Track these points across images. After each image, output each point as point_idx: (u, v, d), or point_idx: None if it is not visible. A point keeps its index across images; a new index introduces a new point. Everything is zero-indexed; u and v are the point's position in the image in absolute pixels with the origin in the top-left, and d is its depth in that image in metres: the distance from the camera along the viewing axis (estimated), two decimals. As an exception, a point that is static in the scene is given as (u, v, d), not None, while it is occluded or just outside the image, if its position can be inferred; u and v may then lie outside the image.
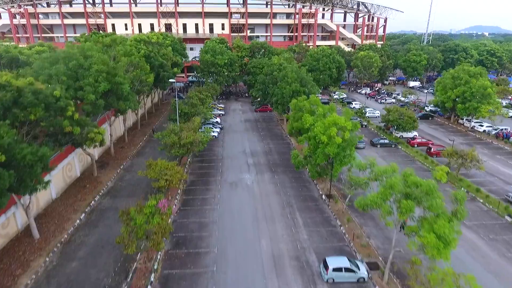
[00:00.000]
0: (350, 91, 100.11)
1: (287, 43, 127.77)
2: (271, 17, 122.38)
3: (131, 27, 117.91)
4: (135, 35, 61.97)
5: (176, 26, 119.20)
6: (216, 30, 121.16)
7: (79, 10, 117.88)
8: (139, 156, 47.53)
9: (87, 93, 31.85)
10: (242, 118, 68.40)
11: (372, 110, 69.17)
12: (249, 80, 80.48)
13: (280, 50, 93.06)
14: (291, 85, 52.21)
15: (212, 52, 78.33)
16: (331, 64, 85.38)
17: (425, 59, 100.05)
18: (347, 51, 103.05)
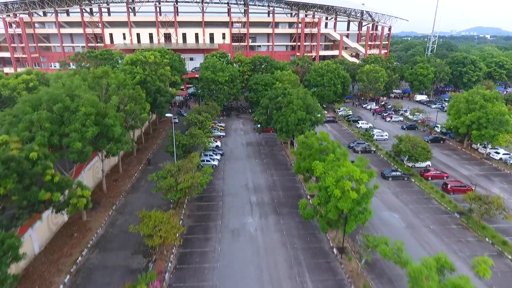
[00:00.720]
0: (355, 105, 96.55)
1: (289, 53, 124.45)
2: (273, 26, 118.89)
3: (130, 37, 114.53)
4: (132, 55, 58.53)
5: (175, 36, 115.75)
6: (217, 40, 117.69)
7: (77, 20, 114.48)
8: (134, 192, 44.08)
9: (74, 140, 28.41)
10: (244, 141, 64.90)
11: (380, 132, 65.61)
12: (251, 97, 77.00)
13: (283, 63, 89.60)
14: (297, 112, 48.71)
15: (213, 69, 74.86)
16: (336, 80, 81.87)
17: (432, 72, 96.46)
18: (352, 63, 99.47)
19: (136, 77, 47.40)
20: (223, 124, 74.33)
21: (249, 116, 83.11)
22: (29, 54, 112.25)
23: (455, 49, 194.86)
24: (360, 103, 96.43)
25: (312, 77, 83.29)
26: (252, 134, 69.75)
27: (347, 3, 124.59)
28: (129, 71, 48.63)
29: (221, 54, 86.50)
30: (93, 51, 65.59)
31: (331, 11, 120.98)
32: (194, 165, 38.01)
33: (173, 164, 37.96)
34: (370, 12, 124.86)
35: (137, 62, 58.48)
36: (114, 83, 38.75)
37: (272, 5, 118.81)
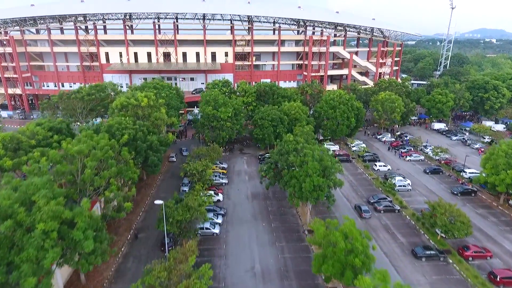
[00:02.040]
0: (367, 135, 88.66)
1: (296, 72, 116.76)
2: (279, 44, 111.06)
3: (126, 56, 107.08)
4: (122, 99, 50.93)
5: (175, 55, 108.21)
6: (219, 59, 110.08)
7: (71, 38, 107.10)
8: (119, 280, 36.53)
9: (25, 275, 21.00)
10: (249, 191, 57.18)
11: (402, 181, 57.72)
12: (256, 133, 69.34)
13: (290, 92, 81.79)
14: (312, 177, 41.00)
15: (214, 103, 67.20)
16: (349, 113, 74.06)
17: (452, 99, 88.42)
18: (364, 90, 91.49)
19: (124, 137, 39.91)
20: (225, 164, 66.66)
21: (253, 151, 75.43)
22: (20, 73, 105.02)
23: (467, 61, 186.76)
24: (373, 132, 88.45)
25: (323, 109, 75.46)
26: (258, 178, 62.00)
27: (357, 20, 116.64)
28: (116, 128, 41.08)
29: (224, 83, 78.74)
30: (80, 91, 57.93)
31: (341, 28, 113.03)
32: (189, 266, 30.42)
33: (164, 264, 30.32)
34: (382, 29, 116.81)
35: (129, 106, 50.91)
36: (93, 159, 31.21)
37: (278, 21, 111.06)
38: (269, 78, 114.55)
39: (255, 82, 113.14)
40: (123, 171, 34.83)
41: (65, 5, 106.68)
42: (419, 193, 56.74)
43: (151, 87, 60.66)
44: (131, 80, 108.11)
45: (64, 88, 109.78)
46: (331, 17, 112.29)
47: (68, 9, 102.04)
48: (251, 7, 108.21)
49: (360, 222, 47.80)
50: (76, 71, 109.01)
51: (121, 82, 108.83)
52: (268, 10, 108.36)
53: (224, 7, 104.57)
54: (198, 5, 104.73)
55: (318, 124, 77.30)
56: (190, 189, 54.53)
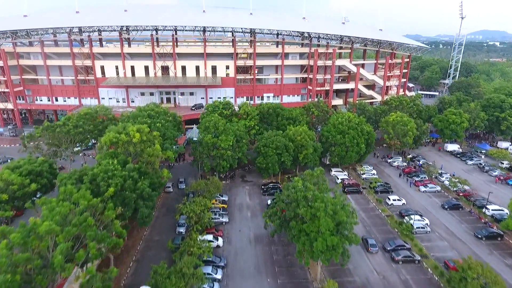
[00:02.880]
0: (377, 157, 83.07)
1: (300, 86, 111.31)
2: (282, 57, 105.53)
3: (123, 70, 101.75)
4: (111, 134, 45.49)
5: (174, 69, 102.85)
6: (220, 73, 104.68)
7: (65, 51, 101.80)
8: None
9: None
10: (252, 232, 51.64)
11: (420, 222, 52.17)
12: (259, 162, 63.88)
13: (295, 113, 76.24)
14: (325, 234, 35.53)
15: (214, 129, 61.80)
16: (359, 139, 68.54)
17: (466, 120, 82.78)
18: (373, 110, 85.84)
19: (109, 189, 34.54)
20: (225, 197, 61.17)
21: (256, 178, 69.94)
22: (11, 87, 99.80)
23: (474, 70, 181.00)
24: (383, 155, 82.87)
25: (330, 134, 69.95)
26: (261, 214, 56.63)
27: (364, 32, 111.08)
28: (101, 178, 35.66)
29: (224, 104, 73.19)
30: (66, 123, 52.37)
31: (347, 41, 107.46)
32: None
33: None
34: (391, 42, 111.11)
35: (119, 143, 45.50)
36: (67, 237, 25.73)
37: (282, 33, 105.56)
38: (272, 92, 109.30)
39: (258, 96, 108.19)
40: (105, 238, 29.52)
41: (59, 17, 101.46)
42: (439, 236, 51.18)
43: (145, 116, 55.20)
44: (128, 94, 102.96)
45: (57, 102, 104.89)
46: (337, 29, 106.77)
47: (62, 21, 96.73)
48: (254, 19, 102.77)
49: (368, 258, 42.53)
50: (71, 85, 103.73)
51: (117, 97, 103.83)
52: (271, 22, 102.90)
53: (225, 20, 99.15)
54: (198, 17, 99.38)
55: (325, 149, 71.89)
56: (187, 231, 49.37)
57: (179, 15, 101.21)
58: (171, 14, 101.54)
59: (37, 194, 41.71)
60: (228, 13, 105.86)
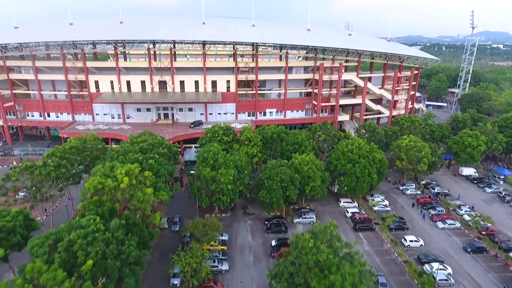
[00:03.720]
0: (388, 182, 77.24)
1: (304, 101, 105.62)
2: (286, 71, 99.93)
3: (118, 84, 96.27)
4: (97, 179, 39.91)
5: (172, 84, 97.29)
6: (220, 88, 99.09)
7: (57, 65, 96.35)
8: None
9: None
10: (255, 285, 46.07)
11: (443, 272, 46.43)
12: (263, 196, 58.21)
13: (301, 137, 70.46)
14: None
15: (213, 161, 56.15)
16: (371, 168, 62.83)
17: (484, 143, 77.00)
18: (384, 131, 79.98)
19: (88, 262, 28.90)
20: (225, 236, 55.45)
21: (258, 210, 64.28)
22: (1, 102, 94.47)
23: (483, 79, 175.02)
24: (395, 181, 77.09)
25: (339, 162, 64.26)
26: (265, 258, 51.20)
27: (372, 44, 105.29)
28: (78, 246, 30.00)
29: (225, 130, 67.47)
30: (47, 163, 46.43)
31: (355, 54, 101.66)
32: None
33: None
34: (400, 55, 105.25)
35: (105, 189, 39.91)
36: None
37: (286, 47, 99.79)
38: (275, 107, 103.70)
39: (260, 111, 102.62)
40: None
41: (52, 29, 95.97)
42: None
43: (136, 151, 49.52)
44: (124, 110, 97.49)
45: (50, 118, 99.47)
46: (343, 42, 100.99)
47: (54, 35, 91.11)
48: (256, 32, 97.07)
49: None
50: (64, 100, 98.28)
51: (113, 113, 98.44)
52: (274, 35, 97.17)
53: (226, 33, 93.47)
54: (198, 30, 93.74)
55: (333, 177, 66.24)
56: (182, 283, 43.92)
57: (177, 27, 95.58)
58: (169, 26, 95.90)
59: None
60: (229, 24, 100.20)
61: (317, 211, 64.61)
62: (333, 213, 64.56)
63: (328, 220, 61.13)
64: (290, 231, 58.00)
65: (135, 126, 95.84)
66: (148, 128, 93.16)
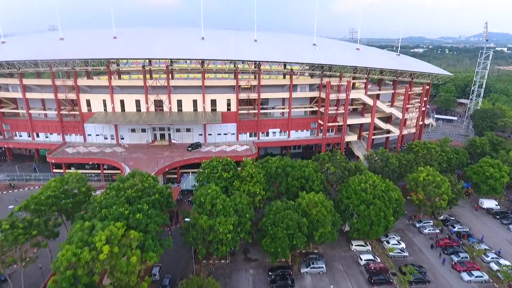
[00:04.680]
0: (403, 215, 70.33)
1: (309, 120, 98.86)
2: (291, 90, 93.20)
3: (111, 104, 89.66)
4: (70, 252, 33.32)
5: (168, 103, 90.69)
6: (220, 107, 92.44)
7: (46, 83, 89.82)
8: None
9: None
10: None
11: None
12: (266, 245, 51.51)
13: (308, 171, 63.56)
14: None
15: (210, 207, 49.52)
16: (387, 210, 56.08)
17: (507, 174, 70.16)
18: (397, 159, 73.12)
19: None
20: (224, 293, 48.75)
21: (261, 256, 57.55)
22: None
23: (493, 89, 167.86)
24: (410, 216, 70.26)
25: (351, 202, 57.52)
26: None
27: (382, 60, 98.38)
28: None
29: (224, 165, 60.68)
30: (15, 222, 39.53)
31: (364, 71, 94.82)
32: None
33: None
34: (411, 71, 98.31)
35: (81, 261, 33.32)
36: None
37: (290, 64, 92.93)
38: (279, 127, 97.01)
39: (262, 131, 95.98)
40: None
41: (41, 45, 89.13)
42: None
43: (122, 203, 42.79)
44: (117, 131, 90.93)
45: (39, 139, 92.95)
46: (352, 58, 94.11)
47: (44, 51, 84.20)
48: (258, 47, 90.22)
49: None
50: (54, 120, 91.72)
51: (105, 133, 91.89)
52: (278, 51, 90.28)
53: (227, 50, 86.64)
54: (196, 46, 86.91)
55: (344, 218, 59.54)
56: None
57: (174, 42, 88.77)
58: (165, 41, 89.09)
59: None
60: (230, 38, 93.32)
61: (327, 255, 57.92)
62: (345, 258, 57.83)
63: (339, 269, 54.63)
64: (298, 284, 51.37)
65: (129, 148, 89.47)
66: (143, 150, 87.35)
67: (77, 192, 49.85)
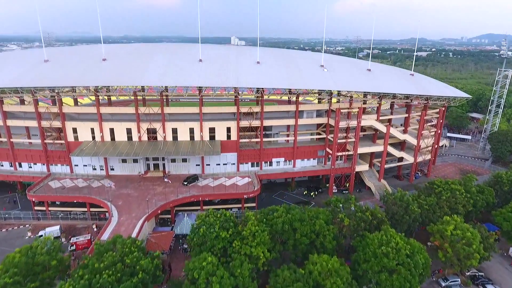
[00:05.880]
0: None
1: (316, 148, 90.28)
2: (296, 117, 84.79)
3: (100, 133, 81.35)
4: None
5: (163, 132, 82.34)
6: (219, 136, 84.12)
7: (28, 110, 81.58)
8: None
9: None
10: None
11: None
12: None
13: (318, 224, 55.07)
14: None
15: (204, 285, 41.10)
16: (413, 280, 47.58)
17: (541, 220, 61.53)
18: (418, 205, 64.46)
19: None
20: None
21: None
22: (-36, 153, 79.76)
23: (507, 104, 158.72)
24: (434, 271, 61.55)
25: (369, 267, 49.02)
26: None
27: (396, 84, 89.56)
28: None
29: (223, 222, 52.08)
30: None
31: (377, 97, 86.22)
32: None
33: None
34: (426, 96, 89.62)
35: None
36: None
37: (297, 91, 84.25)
38: (283, 156, 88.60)
39: (265, 161, 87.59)
40: None
41: (24, 67, 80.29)
42: None
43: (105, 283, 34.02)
44: (107, 161, 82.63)
45: (22, 169, 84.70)
46: (363, 82, 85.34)
47: (26, 76, 75.76)
48: (261, 71, 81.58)
49: None
50: (39, 149, 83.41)
51: (94, 164, 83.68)
52: (283, 75, 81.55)
53: (226, 73, 77.96)
54: (193, 70, 78.30)
55: (362, 284, 51.06)
56: None
57: (169, 66, 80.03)
58: (160, 63, 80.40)
59: None
60: (230, 62, 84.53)
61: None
62: (362, 333, 49.30)
63: None
64: None
65: (120, 180, 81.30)
66: (134, 183, 78.90)
67: (46, 266, 41.41)
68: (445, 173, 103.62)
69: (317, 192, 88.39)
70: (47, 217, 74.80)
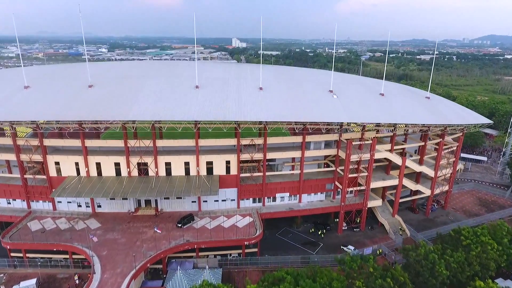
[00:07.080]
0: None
1: (324, 181, 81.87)
2: (303, 149, 76.40)
3: (85, 168, 73.03)
4: None
5: (155, 167, 73.97)
6: (218, 170, 75.75)
7: (5, 142, 73.34)
8: None
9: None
10: None
11: None
12: None
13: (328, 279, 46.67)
14: None
15: None
16: None
17: None
18: (445, 264, 55.92)
19: None
20: None
21: None
22: None
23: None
24: None
25: None
26: None
27: (411, 113, 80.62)
28: None
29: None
30: None
31: (391, 128, 77.70)
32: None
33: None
34: (446, 125, 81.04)
35: None
36: None
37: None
38: (288, 191, 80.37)
39: (268, 196, 79.30)
40: None
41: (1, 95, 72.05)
42: None
43: None
44: (93, 199, 74.31)
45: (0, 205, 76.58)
46: (377, 111, 76.70)
47: (2, 106, 67.57)
48: (264, 98, 73.00)
49: None
50: (19, 184, 75.15)
51: (79, 201, 75.45)
52: (288, 104, 72.95)
53: (225, 103, 69.41)
54: (189, 100, 69.87)
55: None
56: None
57: (162, 95, 71.52)
58: (152, 92, 71.86)
59: None
60: (230, 88, 75.96)
61: None
62: None
63: None
64: None
65: (107, 219, 73.24)
66: (122, 225, 70.52)
67: None
68: (462, 204, 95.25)
69: (325, 230, 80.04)
70: (25, 264, 66.53)
